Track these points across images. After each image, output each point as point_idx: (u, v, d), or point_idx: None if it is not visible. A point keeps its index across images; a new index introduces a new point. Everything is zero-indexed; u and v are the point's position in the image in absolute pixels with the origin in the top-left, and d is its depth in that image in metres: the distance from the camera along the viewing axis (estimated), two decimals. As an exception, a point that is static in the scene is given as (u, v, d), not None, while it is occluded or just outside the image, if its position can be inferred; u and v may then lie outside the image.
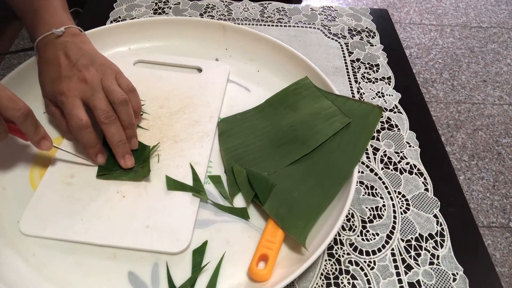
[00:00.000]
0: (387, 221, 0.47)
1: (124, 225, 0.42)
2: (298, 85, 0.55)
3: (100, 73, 0.46)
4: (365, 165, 0.52)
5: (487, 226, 1.32)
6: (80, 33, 0.51)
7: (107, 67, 0.48)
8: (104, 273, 0.39)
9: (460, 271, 0.43)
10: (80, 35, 0.51)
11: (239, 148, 0.50)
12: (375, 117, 0.49)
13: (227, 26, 0.62)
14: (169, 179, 0.46)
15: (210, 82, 0.57)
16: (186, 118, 0.52)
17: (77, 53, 0.47)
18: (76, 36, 0.50)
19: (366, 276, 0.42)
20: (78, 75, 0.45)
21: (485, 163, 1.49)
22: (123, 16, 0.71)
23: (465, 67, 1.85)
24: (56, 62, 0.46)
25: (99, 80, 0.46)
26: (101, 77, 0.46)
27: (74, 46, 0.48)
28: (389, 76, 0.65)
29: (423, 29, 2.04)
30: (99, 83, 0.45)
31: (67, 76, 0.45)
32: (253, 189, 0.45)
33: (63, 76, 0.45)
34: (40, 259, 0.40)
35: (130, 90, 0.48)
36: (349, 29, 0.73)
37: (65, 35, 0.49)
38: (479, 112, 1.66)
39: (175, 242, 0.41)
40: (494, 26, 2.08)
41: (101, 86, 0.45)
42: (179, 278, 0.39)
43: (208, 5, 0.74)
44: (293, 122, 0.51)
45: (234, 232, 0.43)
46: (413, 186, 0.51)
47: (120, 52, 0.61)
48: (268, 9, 0.75)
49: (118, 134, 0.45)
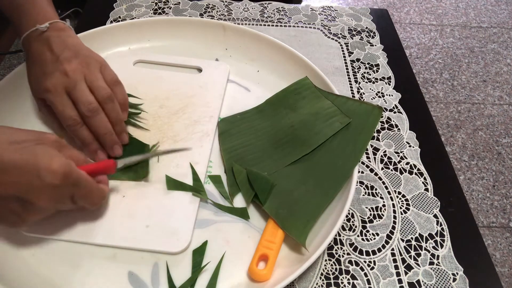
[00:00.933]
0: (387, 221, 0.47)
1: (124, 225, 0.42)
2: (298, 85, 0.55)
3: (84, 65, 0.45)
4: (365, 165, 0.52)
5: (487, 226, 1.32)
6: (66, 28, 0.49)
7: (92, 58, 0.47)
8: (104, 273, 0.39)
9: (460, 271, 0.43)
10: (65, 29, 0.49)
11: (239, 148, 0.50)
12: (375, 117, 0.49)
13: (227, 26, 0.62)
14: (169, 178, 0.46)
15: (210, 82, 0.57)
16: (186, 118, 0.52)
17: (61, 46, 0.46)
18: (62, 31, 0.48)
19: (366, 276, 0.42)
20: (60, 69, 0.44)
21: (485, 163, 1.49)
22: (123, 16, 0.71)
23: (465, 67, 1.85)
24: (41, 59, 0.45)
25: (82, 73, 0.45)
26: (84, 71, 0.45)
27: (59, 40, 0.46)
28: (389, 76, 0.65)
29: (423, 29, 2.04)
30: (82, 75, 0.45)
31: (50, 72, 0.44)
32: (253, 189, 0.45)
33: (47, 72, 0.44)
34: (40, 259, 0.40)
35: (115, 83, 0.47)
36: (349, 29, 0.73)
37: (50, 30, 0.47)
38: (479, 112, 1.66)
39: (175, 242, 0.41)
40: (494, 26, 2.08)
41: (83, 78, 0.45)
42: (179, 278, 0.39)
43: (208, 5, 0.74)
44: (293, 122, 0.51)
45: (234, 232, 0.43)
46: (413, 186, 0.50)
47: (120, 52, 0.61)
48: (268, 9, 0.75)
49: (104, 126, 0.45)
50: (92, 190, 0.38)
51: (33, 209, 0.35)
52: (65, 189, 0.35)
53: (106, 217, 0.42)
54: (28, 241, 0.41)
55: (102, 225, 0.41)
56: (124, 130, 0.47)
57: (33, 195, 0.33)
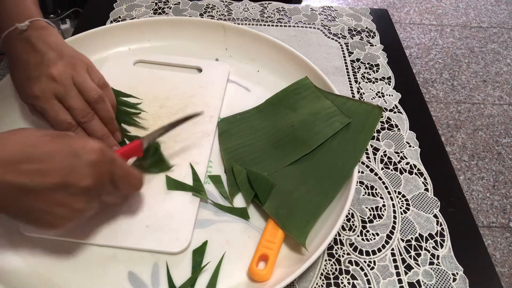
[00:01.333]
0: (387, 221, 0.47)
1: (124, 225, 0.42)
2: (298, 85, 0.55)
3: (70, 67, 0.44)
4: (365, 165, 0.52)
5: (487, 226, 1.32)
6: (48, 26, 0.47)
7: (77, 59, 0.45)
8: (104, 273, 0.39)
9: (460, 271, 0.43)
10: (47, 28, 0.46)
11: (239, 148, 0.50)
12: (375, 117, 0.49)
13: (227, 26, 0.62)
14: (169, 179, 0.46)
15: (210, 82, 0.57)
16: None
17: (43, 46, 0.44)
18: (43, 29, 0.46)
19: (366, 276, 0.42)
20: (46, 73, 0.42)
21: (485, 163, 1.49)
22: (123, 16, 0.71)
23: (465, 67, 1.85)
24: (23, 60, 0.43)
25: (70, 76, 0.43)
26: (71, 73, 0.44)
27: (40, 40, 0.44)
28: (389, 76, 0.65)
29: (423, 29, 2.04)
30: (70, 79, 0.43)
31: (36, 77, 0.43)
32: (253, 189, 0.45)
33: (32, 77, 0.43)
34: (39, 259, 0.40)
35: (103, 85, 0.47)
36: (349, 29, 0.73)
37: (30, 29, 0.44)
38: (479, 112, 1.66)
39: (175, 242, 0.41)
40: (494, 26, 2.08)
41: (72, 82, 0.43)
42: (179, 278, 0.39)
43: (208, 5, 0.74)
44: (293, 122, 0.51)
45: (234, 232, 0.43)
46: (413, 186, 0.51)
47: (120, 52, 0.61)
48: (268, 9, 0.75)
49: (100, 129, 0.45)
50: (129, 172, 0.38)
51: (79, 194, 0.33)
52: (104, 166, 0.35)
53: (106, 217, 0.42)
54: (28, 241, 0.41)
55: (102, 225, 0.41)
56: (117, 128, 0.47)
57: (76, 176, 0.33)
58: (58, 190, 0.32)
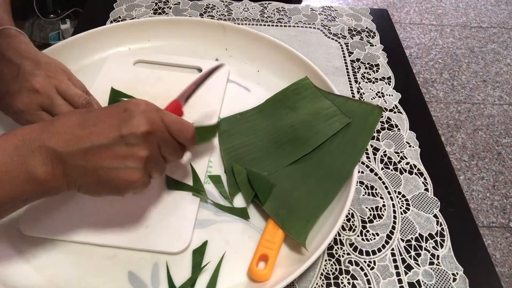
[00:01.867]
0: (387, 221, 0.47)
1: (124, 225, 0.42)
2: (298, 85, 0.55)
3: (51, 75, 0.43)
4: (365, 165, 0.52)
5: (487, 226, 1.32)
6: (17, 34, 0.45)
7: (56, 67, 0.44)
8: (104, 273, 0.39)
9: (460, 271, 0.43)
10: (16, 35, 0.45)
11: (239, 148, 0.50)
12: (375, 117, 0.49)
13: (227, 26, 0.62)
14: (169, 179, 0.46)
15: (210, 82, 0.57)
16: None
17: (15, 56, 0.42)
18: (12, 37, 0.44)
19: (366, 276, 0.42)
20: (26, 86, 0.41)
21: (485, 163, 1.49)
22: (123, 16, 0.71)
23: (465, 67, 1.85)
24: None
25: (52, 85, 0.42)
26: (53, 82, 0.43)
27: (11, 49, 0.43)
28: (389, 76, 0.65)
29: (423, 29, 2.04)
30: (53, 88, 0.42)
31: (16, 91, 0.41)
32: (253, 189, 0.45)
33: (11, 91, 0.41)
34: (40, 259, 0.40)
35: (87, 92, 0.47)
36: (349, 29, 0.73)
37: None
38: (479, 112, 1.66)
39: (175, 242, 0.41)
40: (494, 26, 2.07)
41: (55, 91, 0.43)
42: (179, 278, 0.39)
43: (208, 5, 0.74)
44: (293, 122, 0.51)
45: (234, 232, 0.43)
46: (413, 186, 0.50)
47: (120, 52, 0.61)
48: (268, 9, 0.75)
49: None
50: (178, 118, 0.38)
51: (139, 142, 0.34)
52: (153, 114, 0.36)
53: (106, 217, 0.42)
54: (28, 241, 0.41)
55: (102, 225, 0.41)
56: None
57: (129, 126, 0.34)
58: (119, 144, 0.33)
